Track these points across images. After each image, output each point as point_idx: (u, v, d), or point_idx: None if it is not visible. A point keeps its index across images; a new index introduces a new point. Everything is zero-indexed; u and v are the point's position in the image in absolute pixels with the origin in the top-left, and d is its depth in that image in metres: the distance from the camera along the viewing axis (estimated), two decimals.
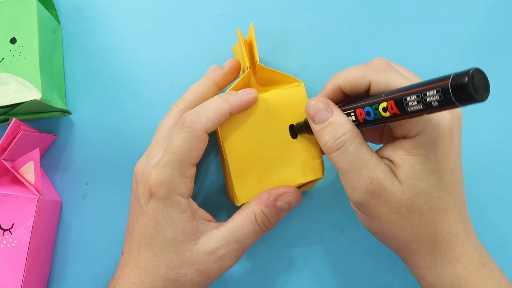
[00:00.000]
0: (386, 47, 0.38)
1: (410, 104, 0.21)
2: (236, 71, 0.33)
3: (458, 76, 0.18)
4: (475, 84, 0.18)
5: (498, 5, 0.39)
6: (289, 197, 0.29)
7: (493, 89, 0.39)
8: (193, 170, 0.28)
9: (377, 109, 0.23)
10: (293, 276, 0.35)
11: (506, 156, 0.36)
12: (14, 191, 0.32)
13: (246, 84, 0.32)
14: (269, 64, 0.37)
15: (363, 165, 0.24)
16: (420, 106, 0.21)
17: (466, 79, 0.18)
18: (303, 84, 0.30)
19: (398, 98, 0.22)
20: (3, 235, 0.31)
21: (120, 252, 0.30)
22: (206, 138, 0.27)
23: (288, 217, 0.35)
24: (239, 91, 0.29)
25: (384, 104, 0.23)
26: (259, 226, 0.28)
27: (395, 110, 0.22)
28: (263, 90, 0.31)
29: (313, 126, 0.26)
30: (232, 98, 0.28)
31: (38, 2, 0.34)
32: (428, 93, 0.20)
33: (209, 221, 0.29)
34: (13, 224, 0.31)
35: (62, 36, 0.38)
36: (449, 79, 0.18)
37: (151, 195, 0.27)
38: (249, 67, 0.31)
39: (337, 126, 0.25)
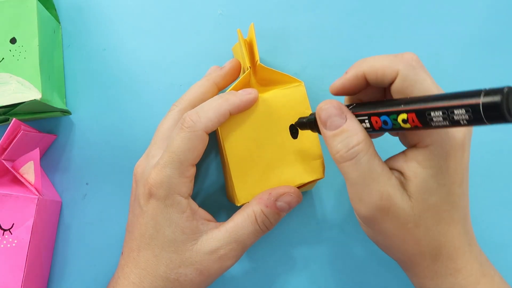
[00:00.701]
0: (386, 47, 0.38)
1: (434, 119, 0.20)
2: (236, 71, 0.33)
3: (490, 95, 0.16)
4: (509, 104, 0.16)
5: (498, 5, 0.39)
6: (290, 197, 0.29)
7: None
8: (193, 170, 0.28)
9: (395, 119, 0.22)
10: (292, 276, 0.35)
11: (506, 156, 0.36)
12: (14, 191, 0.32)
13: (247, 84, 0.32)
14: (269, 64, 0.37)
15: (374, 178, 0.23)
16: (445, 123, 0.19)
17: (499, 98, 0.16)
18: (303, 84, 0.30)
19: (421, 112, 0.20)
20: (3, 235, 0.31)
21: (120, 252, 0.30)
22: (206, 138, 0.27)
23: (288, 217, 0.35)
24: (239, 91, 0.29)
25: (404, 116, 0.21)
26: (259, 226, 0.28)
27: (417, 123, 0.21)
28: (263, 90, 0.31)
29: (324, 131, 0.25)
30: (232, 98, 0.28)
31: (38, 2, 0.34)
32: (456, 111, 0.18)
33: (209, 221, 0.29)
34: (13, 224, 0.31)
35: (62, 36, 0.38)
36: (479, 97, 0.17)
37: (150, 195, 0.27)
38: (249, 67, 0.31)
39: (351, 134, 0.23)
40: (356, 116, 0.24)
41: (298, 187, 0.30)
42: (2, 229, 0.31)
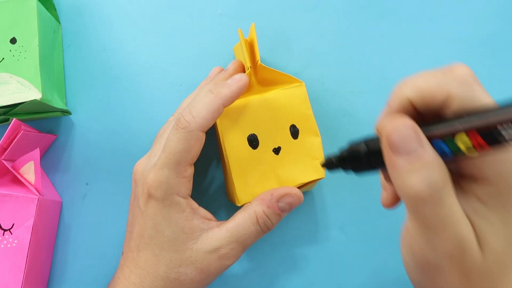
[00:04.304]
0: (386, 47, 0.38)
1: (507, 137, 0.16)
2: (240, 72, 0.33)
3: None
4: None
5: (498, 5, 0.39)
6: (291, 199, 0.29)
7: (493, 89, 0.39)
8: (190, 170, 0.28)
9: (452, 142, 0.18)
10: (293, 276, 0.35)
11: None
12: (14, 191, 0.32)
13: None
14: (269, 64, 0.37)
15: (453, 222, 0.18)
16: None
17: None
18: (304, 84, 0.30)
19: (487, 129, 0.16)
20: (3, 235, 0.31)
21: (120, 252, 0.30)
22: (203, 136, 0.27)
23: (288, 217, 0.35)
24: (229, 80, 0.28)
25: (464, 138, 0.17)
26: (260, 227, 0.28)
27: (482, 143, 0.17)
28: (264, 90, 0.31)
29: (393, 159, 0.19)
30: (223, 91, 0.27)
31: (38, 2, 0.34)
32: None
33: (209, 219, 0.29)
34: (13, 224, 0.31)
35: (62, 36, 0.38)
36: None
37: (149, 196, 0.27)
38: (250, 67, 0.31)
39: (431, 166, 0.18)
40: None
41: (299, 187, 0.30)
42: (2, 229, 0.31)
